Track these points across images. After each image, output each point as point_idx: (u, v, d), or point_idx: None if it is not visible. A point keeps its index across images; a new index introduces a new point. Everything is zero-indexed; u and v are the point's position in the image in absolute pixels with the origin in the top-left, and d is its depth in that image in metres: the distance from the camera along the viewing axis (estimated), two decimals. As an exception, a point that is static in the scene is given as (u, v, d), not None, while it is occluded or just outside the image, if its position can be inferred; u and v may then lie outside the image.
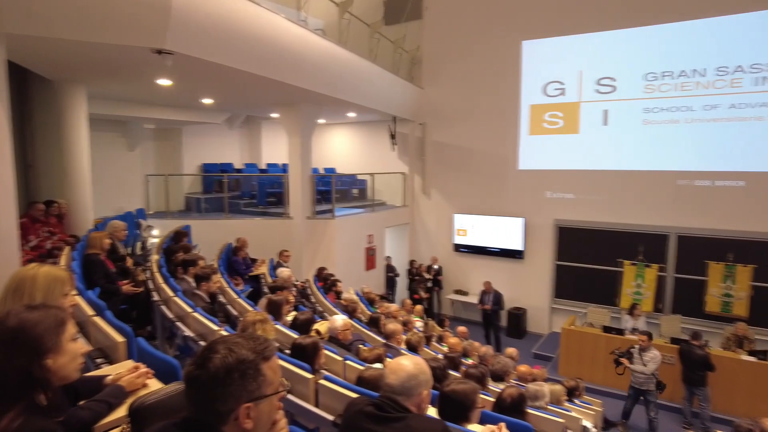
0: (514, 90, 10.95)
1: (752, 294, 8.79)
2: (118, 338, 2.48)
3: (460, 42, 11.48)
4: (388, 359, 3.75)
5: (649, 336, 6.96)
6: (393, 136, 11.96)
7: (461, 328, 8.04)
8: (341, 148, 14.00)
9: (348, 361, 3.53)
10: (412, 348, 5.25)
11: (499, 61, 11.06)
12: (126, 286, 4.84)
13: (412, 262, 12.02)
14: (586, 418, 5.03)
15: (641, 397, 7.07)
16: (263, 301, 5.22)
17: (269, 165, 12.88)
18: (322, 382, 2.74)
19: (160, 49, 5.07)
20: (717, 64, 9.04)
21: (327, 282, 8.00)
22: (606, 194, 10.18)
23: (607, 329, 8.62)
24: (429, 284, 11.65)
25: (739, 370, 7.49)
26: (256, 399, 1.15)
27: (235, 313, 5.03)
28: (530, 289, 11.04)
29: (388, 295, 11.23)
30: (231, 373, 1.13)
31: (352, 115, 11.69)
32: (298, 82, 7.40)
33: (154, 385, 2.03)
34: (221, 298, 5.41)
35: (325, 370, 3.33)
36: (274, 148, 13.15)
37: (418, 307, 8.65)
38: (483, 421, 2.83)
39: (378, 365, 3.46)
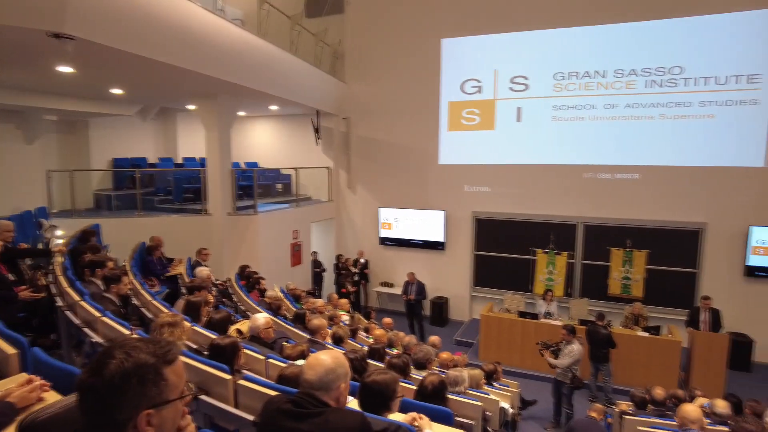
0: (435, 87, 11.26)
1: (646, 276, 9.73)
2: (9, 350, 2.28)
3: (382, 38, 11.60)
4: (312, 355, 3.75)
5: (571, 330, 7.00)
6: (317, 131, 11.87)
7: (387, 320, 8.18)
8: (264, 142, 13.66)
9: (271, 360, 3.50)
10: (338, 341, 5.30)
11: (420, 58, 11.31)
12: (24, 292, 4.45)
13: (338, 257, 12.04)
14: (504, 399, 5.33)
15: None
16: (180, 303, 5.03)
17: (186, 159, 12.30)
18: (242, 382, 2.70)
19: (58, 33, 4.67)
20: (615, 67, 9.85)
21: (250, 280, 7.82)
22: (520, 187, 10.78)
23: (522, 314, 9.16)
24: (356, 278, 11.74)
25: (636, 345, 8.24)
26: (157, 405, 1.10)
27: (150, 316, 4.80)
28: (451, 278, 11.48)
29: (315, 291, 11.17)
30: (128, 378, 1.06)
31: (274, 108, 11.44)
32: (215, 72, 7.12)
33: (52, 398, 1.89)
34: (135, 301, 5.14)
35: (247, 370, 3.28)
36: (191, 142, 12.57)
37: (344, 301, 8.70)
38: (405, 409, 2.92)
39: (301, 362, 3.46)
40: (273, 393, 2.60)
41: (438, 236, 11.50)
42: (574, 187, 10.33)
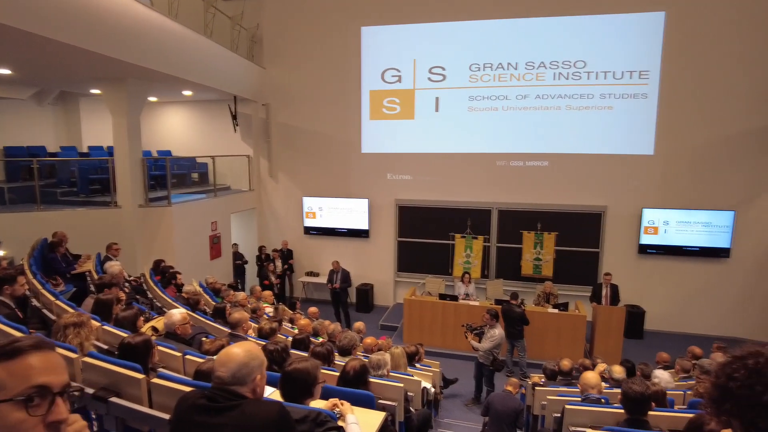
0: (355, 75, 11.27)
1: (555, 257, 10.46)
2: None
3: (302, 23, 11.39)
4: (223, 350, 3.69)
5: (494, 315, 7.20)
6: (234, 117, 11.48)
7: (312, 309, 8.16)
8: (178, 129, 12.96)
9: (188, 356, 3.40)
10: (264, 336, 5.23)
11: (341, 46, 11.25)
12: None
13: (261, 248, 11.79)
14: (425, 380, 5.55)
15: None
16: (88, 301, 4.73)
17: (92, 148, 11.39)
18: (156, 380, 2.61)
19: None
20: (526, 60, 10.38)
21: (165, 275, 7.47)
22: (439, 175, 11.13)
23: (442, 296, 9.53)
24: (278, 270, 11.55)
25: (547, 321, 8.86)
26: None
27: (53, 317, 4.46)
28: (376, 265, 11.67)
29: (237, 284, 10.88)
30: None
31: (188, 93, 10.90)
32: (117, 53, 6.62)
33: None
34: (35, 302, 4.75)
35: (162, 368, 3.17)
36: (96, 129, 11.65)
37: (267, 293, 8.56)
38: (327, 395, 2.97)
39: (220, 356, 3.39)
40: (189, 389, 2.54)
41: (362, 224, 11.61)
42: (488, 175, 10.84)
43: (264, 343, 3.88)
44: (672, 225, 10.00)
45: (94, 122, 11.78)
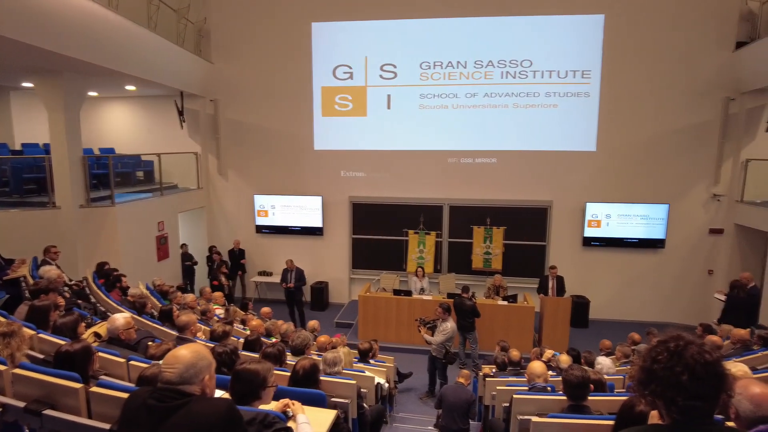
0: (306, 71, 11.15)
1: (504, 251, 10.78)
2: None
3: (250, 18, 11.15)
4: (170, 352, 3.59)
5: (446, 309, 7.34)
6: (181, 113, 11.10)
7: (265, 309, 8.06)
8: (121, 126, 12.36)
9: (132, 362, 3.29)
10: (217, 339, 5.11)
11: (291, 41, 11.10)
12: None
13: (211, 248, 11.48)
14: (379, 375, 5.60)
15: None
16: (22, 309, 4.48)
17: (25, 145, 10.70)
18: (95, 389, 2.51)
19: None
20: (474, 58, 10.60)
21: (109, 278, 7.17)
22: (392, 172, 11.21)
23: (396, 292, 9.62)
24: (226, 269, 11.26)
25: (497, 313, 9.12)
26: None
27: (-18, 327, 4.19)
28: (331, 263, 11.63)
29: (186, 285, 10.58)
30: None
31: (131, 88, 10.43)
32: (51, 45, 6.27)
33: None
34: (-40, 312, 4.45)
35: (105, 375, 3.05)
36: (31, 125, 10.98)
37: (218, 294, 8.37)
38: (277, 396, 2.95)
39: (167, 361, 3.30)
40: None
41: (316, 222, 11.54)
42: (440, 172, 11.02)
43: (213, 345, 3.81)
44: (613, 218, 10.51)
45: (27, 118, 11.10)
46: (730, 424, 2.39)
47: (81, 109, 8.43)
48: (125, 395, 2.47)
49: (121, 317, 3.99)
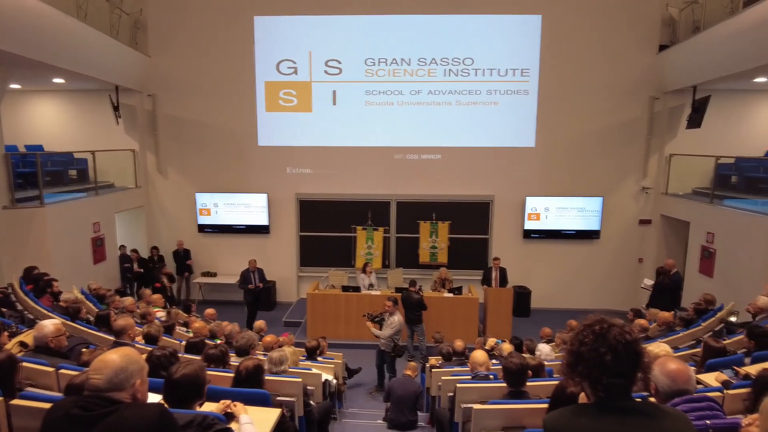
0: (249, 66, 10.92)
1: (449, 244, 11.04)
2: None
3: (190, 10, 10.78)
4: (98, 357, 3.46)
5: (395, 303, 7.44)
6: (116, 109, 10.56)
7: (209, 311, 7.85)
8: (50, 122, 11.58)
9: (62, 370, 3.14)
10: (151, 341, 4.95)
11: (233, 35, 10.83)
12: None
13: (152, 249, 11.05)
14: (327, 372, 5.61)
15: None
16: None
17: (-62, 142, 9.89)
18: (16, 402, 2.37)
19: None
20: (418, 56, 10.75)
21: (39, 284, 6.77)
22: (339, 168, 11.20)
23: (345, 288, 9.64)
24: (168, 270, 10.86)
25: (444, 305, 9.33)
26: None
27: None
28: (278, 261, 11.45)
29: (125, 288, 10.14)
30: None
31: (59, 81, 9.83)
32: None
33: None
34: None
35: (30, 386, 2.90)
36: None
37: (158, 297, 8.08)
38: (218, 397, 2.92)
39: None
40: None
41: (261, 220, 11.34)
42: (387, 168, 11.12)
43: (151, 348, 3.70)
44: (552, 211, 10.99)
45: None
46: (653, 399, 2.59)
47: (1, 103, 7.87)
48: (49, 406, 2.37)
49: (50, 324, 3.79)
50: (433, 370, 5.97)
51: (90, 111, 11.28)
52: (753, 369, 3.61)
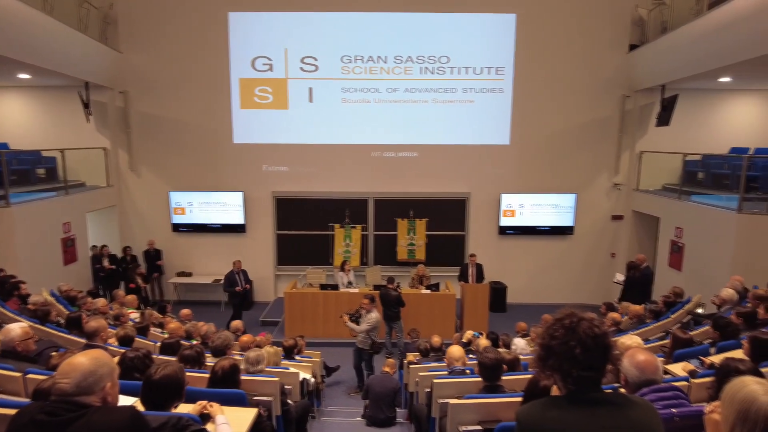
0: (224, 62, 10.78)
1: (427, 241, 11.13)
2: None
3: (162, 5, 10.58)
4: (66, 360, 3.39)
5: (372, 300, 7.41)
6: (86, 105, 10.28)
7: (184, 311, 7.74)
8: (16, 119, 11.17)
9: (31, 375, 3.06)
10: (125, 343, 4.87)
11: (207, 31, 10.67)
12: None
13: (125, 249, 10.82)
14: (304, 371, 5.60)
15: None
16: None
17: None
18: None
19: None
20: (394, 53, 10.77)
21: (5, 286, 6.58)
22: (316, 166, 11.15)
23: (323, 287, 9.62)
24: (142, 270, 10.66)
25: (421, 302, 9.41)
26: None
27: None
28: (255, 260, 11.28)
29: (98, 290, 9.92)
30: None
31: (25, 76, 9.52)
32: None
33: None
34: None
35: (-1, 392, 2.82)
36: None
37: (131, 298, 7.94)
38: (194, 398, 2.89)
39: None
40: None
41: (237, 218, 11.22)
42: (364, 166, 11.13)
43: (125, 350, 3.64)
44: (527, 207, 11.17)
45: None
46: (623, 390, 2.66)
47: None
48: (13, 412, 2.31)
49: (17, 327, 3.69)
50: (410, 366, 6.00)
51: (59, 108, 10.95)
52: (717, 358, 3.74)
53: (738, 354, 3.92)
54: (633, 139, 10.95)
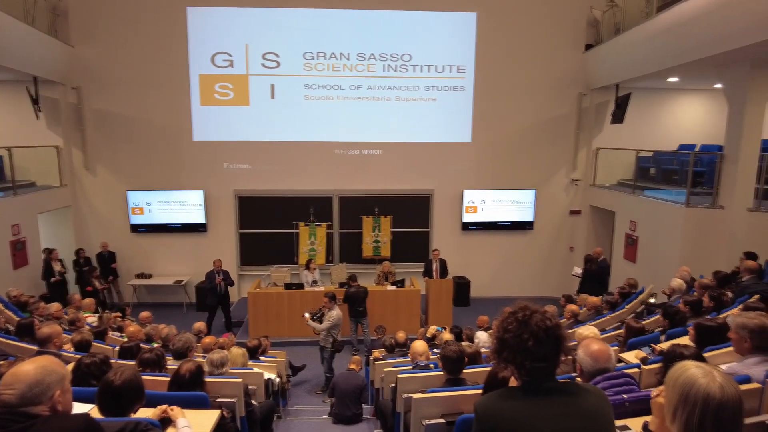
0: (182, 58, 10.51)
1: (392, 238, 11.21)
2: None
3: (116, -3, 10.22)
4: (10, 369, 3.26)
5: (332, 297, 7.43)
6: (36, 102, 9.83)
7: (144, 314, 7.54)
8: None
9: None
10: (82, 348, 4.71)
11: (164, 26, 10.37)
12: None
13: (79, 251, 10.40)
14: (269, 371, 5.56)
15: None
16: None
17: None
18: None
19: None
20: (357, 51, 10.75)
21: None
22: (279, 164, 11.03)
23: (288, 286, 9.54)
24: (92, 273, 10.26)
25: (387, 298, 9.48)
26: None
27: None
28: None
29: (51, 294, 9.49)
30: None
31: (-36, 70, 9.03)
32: None
33: None
34: None
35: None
36: None
37: (88, 301, 7.67)
38: (156, 402, 2.84)
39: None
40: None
41: (198, 218, 10.98)
42: (328, 163, 11.08)
43: (80, 356, 3.52)
44: (488, 204, 11.39)
45: None
46: (579, 379, 2.77)
47: None
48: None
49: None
50: (376, 362, 6.05)
51: (5, 104, 10.44)
52: (666, 345, 3.94)
53: (684, 340, 4.15)
54: (590, 136, 11.32)
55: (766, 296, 5.23)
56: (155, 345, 5.75)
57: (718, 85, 9.70)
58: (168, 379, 3.51)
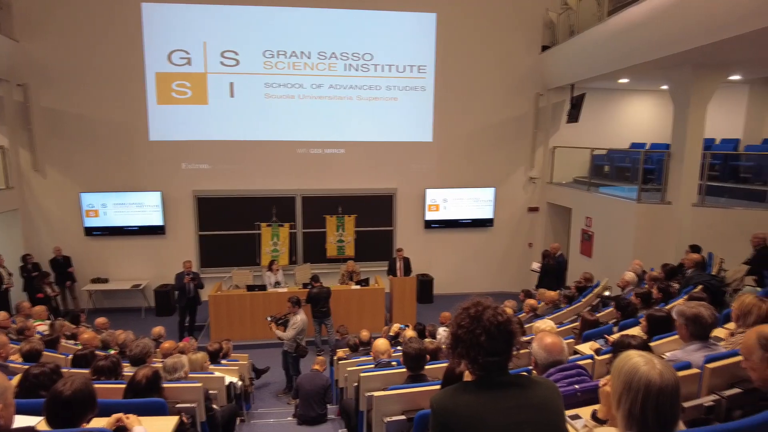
0: (138, 55, 10.19)
1: (356, 237, 11.23)
2: None
3: (62, -10, 9.80)
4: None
5: (296, 302, 7.39)
6: (-23, 100, 9.37)
7: (100, 320, 7.29)
8: None
9: None
10: (32, 358, 4.52)
11: (118, 21, 10.02)
12: None
13: (26, 257, 9.92)
14: (231, 374, 5.49)
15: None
16: None
17: None
18: None
19: None
20: (318, 49, 10.69)
21: None
22: (239, 163, 10.86)
23: (250, 288, 9.40)
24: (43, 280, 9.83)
25: (352, 297, 9.51)
26: None
27: None
28: (175, 263, 10.64)
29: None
30: None
31: None
32: None
33: None
34: None
35: None
36: None
37: (40, 308, 7.34)
38: (111, 410, 2.76)
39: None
40: None
41: (156, 220, 10.68)
42: (290, 163, 10.98)
43: (29, 366, 3.39)
44: (450, 202, 11.57)
45: None
46: (534, 372, 2.87)
47: None
48: None
49: None
50: (340, 362, 6.06)
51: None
52: (618, 336, 4.12)
53: (635, 331, 4.36)
54: (546, 135, 11.65)
55: (708, 287, 5.55)
56: (112, 352, 5.57)
57: (665, 87, 10.17)
58: (123, 386, 3.42)
